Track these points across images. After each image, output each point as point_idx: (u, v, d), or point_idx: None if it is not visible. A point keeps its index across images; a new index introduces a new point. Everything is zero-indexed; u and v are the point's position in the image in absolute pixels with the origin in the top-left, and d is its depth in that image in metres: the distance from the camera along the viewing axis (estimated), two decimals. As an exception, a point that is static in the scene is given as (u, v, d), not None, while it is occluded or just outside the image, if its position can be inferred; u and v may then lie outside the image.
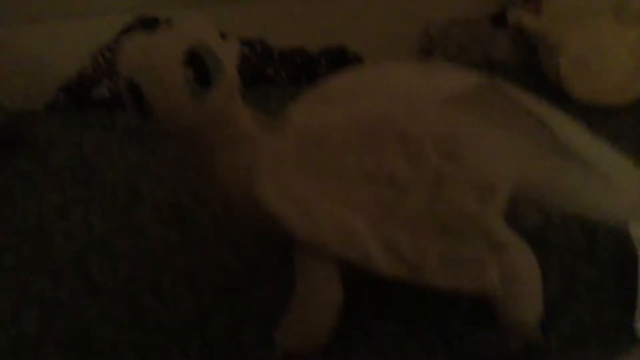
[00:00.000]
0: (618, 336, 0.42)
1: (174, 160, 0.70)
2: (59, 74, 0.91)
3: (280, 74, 0.95)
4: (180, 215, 0.60)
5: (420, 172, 0.39)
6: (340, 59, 0.99)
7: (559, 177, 0.42)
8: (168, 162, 0.70)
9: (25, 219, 0.63)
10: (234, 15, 0.98)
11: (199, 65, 0.37)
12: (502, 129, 0.40)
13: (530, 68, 0.82)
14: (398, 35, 1.01)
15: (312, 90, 0.45)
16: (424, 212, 0.39)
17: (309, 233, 0.40)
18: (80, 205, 0.64)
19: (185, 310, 0.48)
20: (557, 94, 0.75)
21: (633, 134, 0.67)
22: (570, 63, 0.73)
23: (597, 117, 0.70)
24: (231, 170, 0.42)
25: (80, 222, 0.61)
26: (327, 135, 0.41)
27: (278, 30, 0.99)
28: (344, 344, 0.43)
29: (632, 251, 0.44)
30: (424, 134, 0.39)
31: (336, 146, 0.40)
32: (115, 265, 0.54)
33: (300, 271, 0.42)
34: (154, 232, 0.58)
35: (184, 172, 0.67)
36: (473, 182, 0.39)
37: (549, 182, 0.42)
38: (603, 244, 0.50)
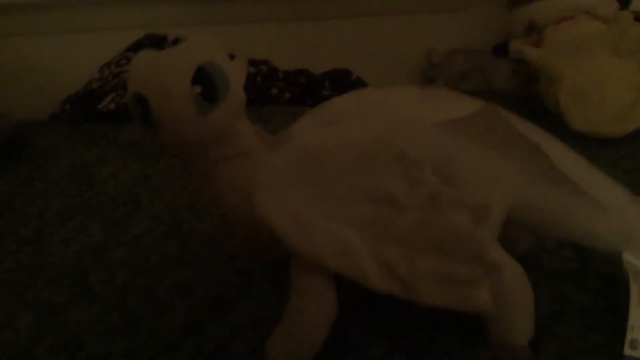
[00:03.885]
0: (607, 361, 0.43)
1: (174, 173, 0.71)
2: (66, 86, 0.93)
3: (284, 94, 0.96)
4: (178, 227, 0.61)
5: (416, 193, 0.40)
6: (344, 81, 1.00)
7: (553, 203, 0.42)
8: (168, 175, 0.70)
9: (25, 224, 0.64)
10: (240, 36, 1.00)
11: (207, 82, 0.37)
12: (498, 154, 0.41)
13: (530, 97, 0.83)
14: (402, 61, 1.03)
15: (314, 110, 0.45)
16: (419, 230, 0.40)
17: (306, 247, 0.40)
18: (79, 213, 0.65)
19: (179, 319, 0.49)
20: (556, 124, 0.76)
21: (629, 164, 0.67)
22: (569, 94, 0.74)
23: (594, 147, 0.71)
24: (231, 183, 0.42)
25: (79, 230, 0.62)
26: (327, 154, 0.41)
27: (284, 52, 1.01)
28: (332, 358, 0.44)
29: (624, 278, 0.44)
30: (421, 156, 0.40)
31: (335, 165, 0.41)
32: (112, 274, 0.54)
33: (295, 283, 0.42)
34: (151, 243, 0.59)
35: (183, 185, 0.68)
36: (468, 203, 0.39)
37: (543, 208, 0.42)
38: (595, 269, 0.51)
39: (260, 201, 0.41)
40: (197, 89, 0.37)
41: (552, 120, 0.77)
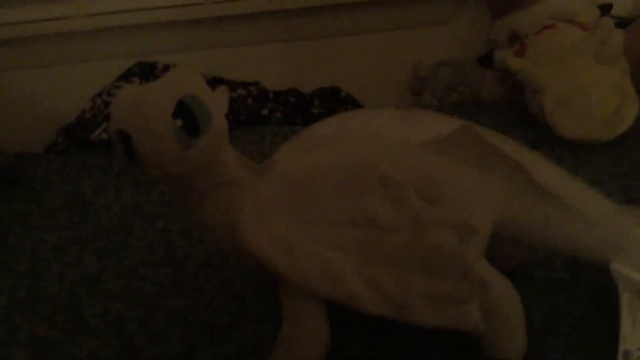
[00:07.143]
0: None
1: (167, 200, 0.71)
2: (59, 118, 0.93)
3: (275, 114, 0.97)
4: (172, 255, 0.61)
5: (400, 214, 0.40)
6: (333, 99, 1.01)
7: (537, 217, 0.43)
8: (161, 202, 0.71)
9: (20, 259, 0.64)
10: (230, 60, 1.01)
11: (188, 116, 0.38)
12: (480, 172, 0.41)
13: (516, 106, 0.84)
14: (389, 76, 1.04)
15: (296, 136, 0.46)
16: (406, 251, 0.40)
17: (294, 274, 0.41)
18: (74, 245, 0.65)
19: (175, 349, 0.49)
20: (543, 131, 0.77)
21: (616, 168, 0.68)
22: (555, 102, 0.74)
23: (582, 153, 0.72)
24: (218, 212, 0.42)
25: (74, 263, 0.62)
26: (311, 180, 0.42)
27: (273, 73, 1.02)
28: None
29: (614, 288, 0.44)
30: (404, 178, 0.40)
31: (319, 190, 0.42)
32: (107, 306, 0.55)
33: (286, 310, 0.43)
34: (146, 272, 0.59)
35: (176, 212, 0.68)
36: (452, 223, 0.40)
37: (527, 223, 0.43)
38: (586, 278, 0.51)
39: (246, 229, 0.41)
40: (179, 122, 0.38)
41: (539, 128, 0.78)
